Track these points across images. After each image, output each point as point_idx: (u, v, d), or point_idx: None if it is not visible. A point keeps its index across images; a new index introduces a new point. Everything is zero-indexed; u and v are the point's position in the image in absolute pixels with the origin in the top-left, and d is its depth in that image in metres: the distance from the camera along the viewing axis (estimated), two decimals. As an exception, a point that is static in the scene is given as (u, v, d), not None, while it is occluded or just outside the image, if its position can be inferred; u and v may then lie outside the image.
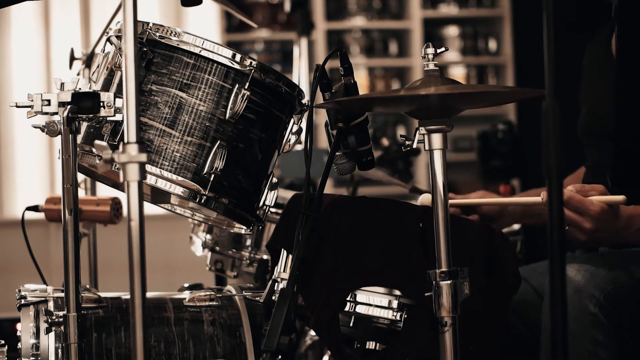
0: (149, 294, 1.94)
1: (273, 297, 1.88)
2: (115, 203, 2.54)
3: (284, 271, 1.90)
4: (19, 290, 2.04)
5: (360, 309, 1.82)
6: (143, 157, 1.49)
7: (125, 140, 1.51)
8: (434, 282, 1.72)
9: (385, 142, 3.46)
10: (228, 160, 1.93)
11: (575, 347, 1.86)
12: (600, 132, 2.23)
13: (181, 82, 1.93)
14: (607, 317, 1.86)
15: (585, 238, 1.90)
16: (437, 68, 1.80)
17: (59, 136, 1.82)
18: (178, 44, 1.94)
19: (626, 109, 2.12)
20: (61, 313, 1.84)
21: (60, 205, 1.84)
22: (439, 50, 1.80)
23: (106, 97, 1.80)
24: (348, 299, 1.82)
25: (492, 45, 6.15)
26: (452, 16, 6.12)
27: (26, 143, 5.06)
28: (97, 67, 2.04)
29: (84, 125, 1.98)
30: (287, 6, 3.89)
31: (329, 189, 4.79)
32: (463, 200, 2.26)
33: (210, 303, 2.10)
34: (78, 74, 2.82)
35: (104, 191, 2.57)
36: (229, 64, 1.95)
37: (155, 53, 1.94)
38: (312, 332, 3.13)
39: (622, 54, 2.14)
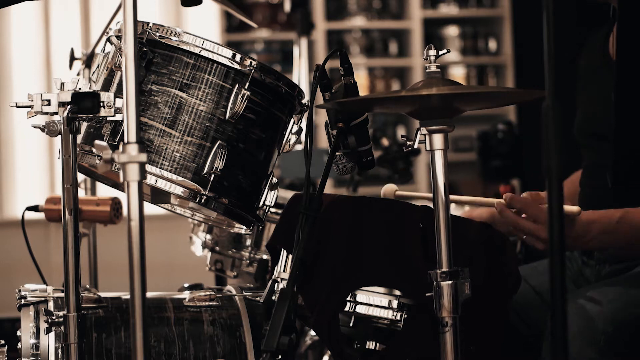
0: (149, 294, 1.94)
1: (273, 297, 1.88)
2: (115, 203, 2.54)
3: (284, 271, 1.90)
4: (19, 290, 2.04)
5: (360, 309, 1.82)
6: (143, 157, 1.49)
7: (125, 140, 1.51)
8: (434, 282, 1.72)
9: (385, 142, 3.46)
10: (228, 160, 1.93)
11: None
12: (596, 133, 2.23)
13: (181, 82, 1.93)
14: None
15: (543, 247, 1.88)
16: (439, 70, 1.80)
17: (59, 136, 1.82)
18: (178, 44, 1.94)
19: (626, 109, 2.11)
20: (61, 313, 1.84)
21: (60, 205, 1.84)
22: (440, 52, 1.80)
23: (106, 97, 1.80)
24: (348, 299, 1.82)
25: (492, 45, 6.15)
26: (452, 16, 6.12)
27: (26, 143, 5.06)
28: (97, 67, 2.04)
29: (84, 125, 1.98)
30: (287, 6, 3.89)
31: (329, 189, 4.80)
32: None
33: (210, 303, 2.10)
34: (78, 74, 2.82)
35: (104, 191, 2.57)
36: (229, 64, 1.94)
37: (155, 53, 1.94)
38: (312, 332, 3.13)
39: (621, 55, 2.14)
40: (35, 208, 2.57)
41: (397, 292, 1.81)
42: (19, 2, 1.89)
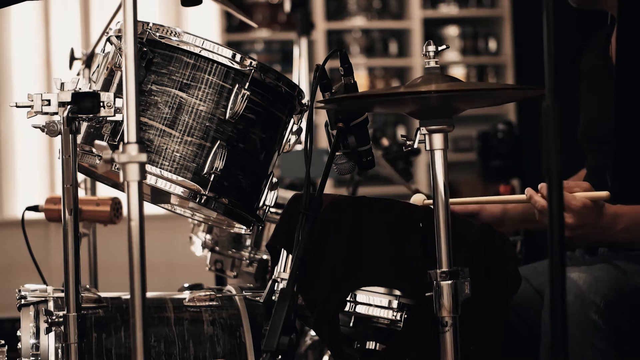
0: (149, 294, 1.94)
1: (273, 297, 1.88)
2: (115, 203, 2.54)
3: (284, 271, 1.90)
4: (19, 290, 2.04)
5: (360, 309, 1.82)
6: (143, 157, 1.49)
7: (125, 140, 1.51)
8: (434, 282, 1.72)
9: (385, 142, 3.47)
10: (228, 160, 1.93)
11: (574, 353, 1.85)
12: (600, 137, 2.23)
13: (181, 82, 1.93)
14: (606, 324, 1.86)
15: (569, 234, 1.90)
16: (438, 66, 1.80)
17: (59, 136, 1.82)
18: (178, 44, 1.94)
19: (626, 111, 2.12)
20: (61, 313, 1.84)
21: (60, 205, 1.84)
22: (440, 48, 1.80)
23: (106, 97, 1.80)
24: (348, 299, 1.82)
25: (492, 45, 6.14)
26: (452, 16, 6.12)
27: (26, 143, 5.06)
28: (97, 67, 2.04)
29: (84, 125, 1.98)
30: (287, 6, 3.90)
31: (329, 189, 4.79)
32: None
33: (210, 303, 2.10)
34: (78, 74, 2.82)
35: (104, 191, 2.57)
36: (229, 64, 1.94)
37: (155, 53, 1.94)
38: (312, 332, 3.13)
39: (621, 59, 2.14)
40: (35, 208, 2.57)
41: (397, 292, 1.81)
42: (19, 2, 1.89)
